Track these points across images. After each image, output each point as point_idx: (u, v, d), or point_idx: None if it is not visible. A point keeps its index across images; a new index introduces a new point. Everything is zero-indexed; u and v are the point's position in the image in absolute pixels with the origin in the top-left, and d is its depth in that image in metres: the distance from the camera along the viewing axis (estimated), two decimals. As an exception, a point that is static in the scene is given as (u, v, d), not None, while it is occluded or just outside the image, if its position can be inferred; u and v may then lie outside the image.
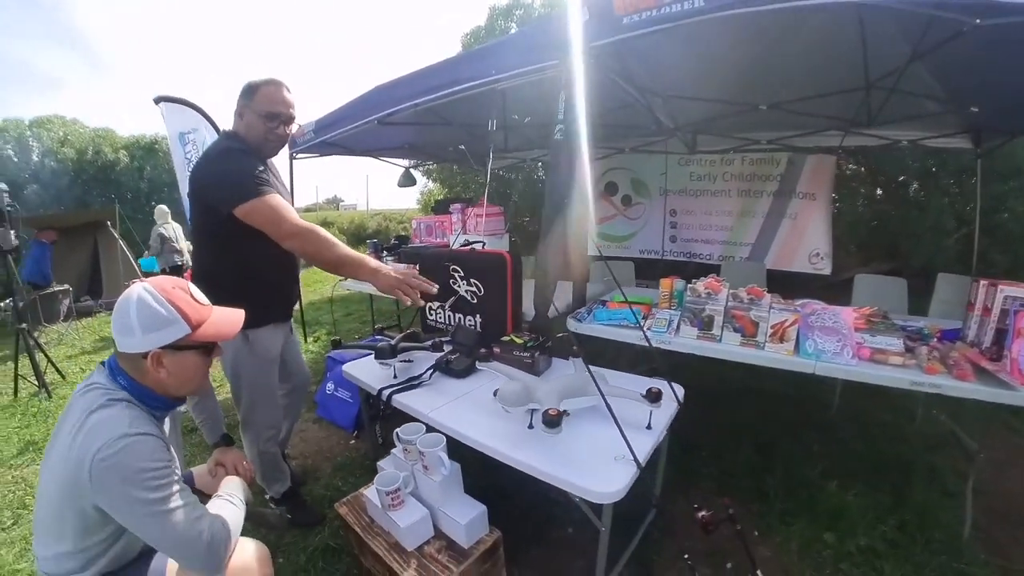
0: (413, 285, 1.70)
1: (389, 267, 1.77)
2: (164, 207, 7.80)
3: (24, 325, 4.48)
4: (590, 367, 1.71)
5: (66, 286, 7.79)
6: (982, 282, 2.11)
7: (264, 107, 1.84)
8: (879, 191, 7.12)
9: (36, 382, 4.45)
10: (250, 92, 1.85)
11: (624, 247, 5.94)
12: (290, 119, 1.91)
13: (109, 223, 8.69)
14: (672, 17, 1.94)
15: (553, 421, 1.34)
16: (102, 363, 1.24)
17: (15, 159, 14.40)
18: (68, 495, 1.09)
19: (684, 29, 1.95)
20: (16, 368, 4.45)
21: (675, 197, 5.58)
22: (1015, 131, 3.88)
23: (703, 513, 1.39)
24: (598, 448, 1.49)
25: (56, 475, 1.11)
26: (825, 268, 4.94)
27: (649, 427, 1.61)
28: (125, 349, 1.18)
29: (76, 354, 5.96)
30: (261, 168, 1.80)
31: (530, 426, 1.59)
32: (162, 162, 14.29)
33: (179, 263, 7.60)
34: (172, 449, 1.26)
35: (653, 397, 1.58)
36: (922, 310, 3.45)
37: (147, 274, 7.90)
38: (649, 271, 5.18)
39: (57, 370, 4.82)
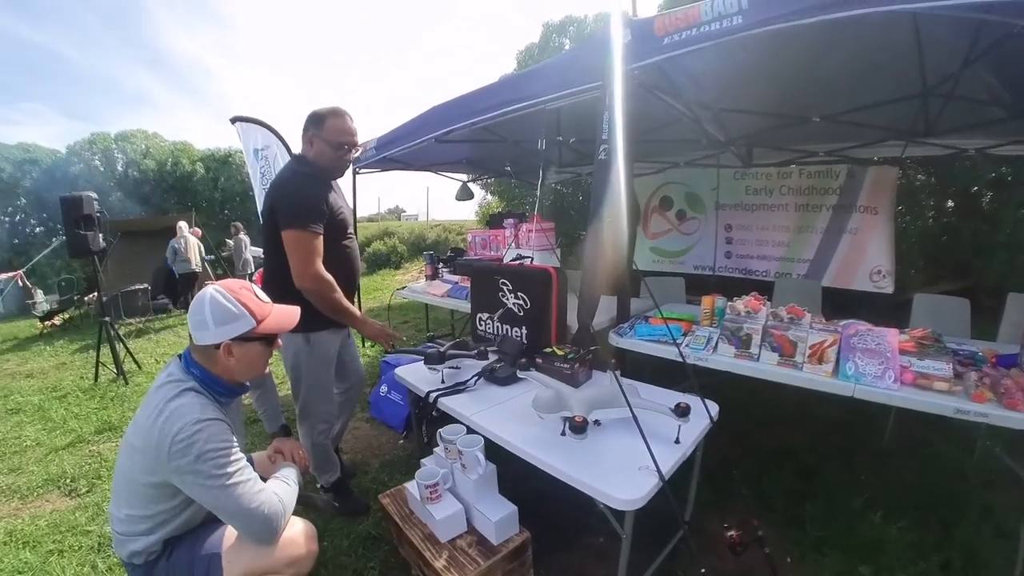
0: (388, 335, 2.26)
1: (374, 321, 2.23)
2: (182, 223, 8.72)
3: (107, 318, 5.05)
4: (624, 379, 1.79)
5: (145, 285, 8.57)
6: None
7: (333, 137, 2.07)
8: (949, 203, 6.72)
9: (115, 370, 4.98)
10: (319, 122, 2.07)
11: (678, 262, 5.88)
12: (355, 145, 2.14)
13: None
14: (711, 36, 1.98)
15: (579, 427, 1.44)
16: (178, 356, 1.46)
17: (102, 169, 16.06)
18: (145, 469, 1.29)
19: (727, 44, 1.97)
20: (98, 356, 5.03)
21: (730, 212, 5.48)
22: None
23: (732, 532, 1.43)
24: (624, 458, 1.58)
25: (136, 451, 1.31)
26: (887, 286, 4.66)
27: (677, 441, 1.68)
28: (200, 341, 1.39)
29: (151, 346, 6.58)
30: (322, 197, 2.03)
31: (563, 433, 1.69)
32: (235, 174, 15.54)
33: (188, 271, 8.54)
34: (236, 432, 1.45)
35: (681, 412, 1.64)
36: (990, 333, 3.23)
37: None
38: (703, 287, 5.03)
39: (134, 360, 5.39)
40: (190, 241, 8.62)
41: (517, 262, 2.62)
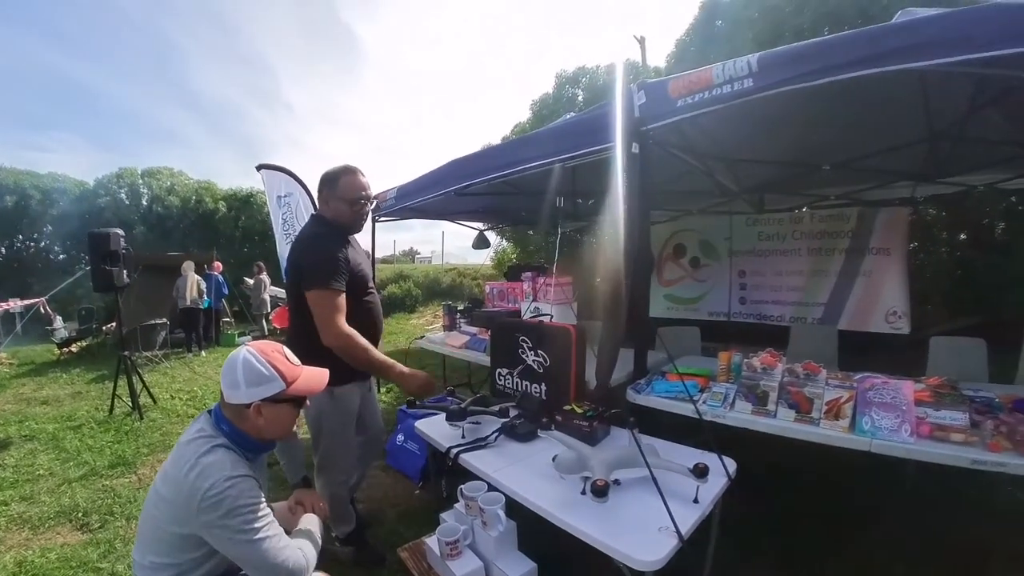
0: (430, 386, 2.20)
1: (415, 372, 2.20)
2: (187, 263, 9.00)
3: (126, 352, 5.18)
4: (642, 438, 1.84)
5: (164, 320, 8.80)
6: None
7: (349, 194, 2.21)
8: (962, 236, 6.68)
9: (130, 403, 5.06)
10: (332, 183, 2.22)
11: (693, 309, 5.93)
12: (369, 199, 2.29)
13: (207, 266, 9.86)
14: (723, 98, 2.07)
15: (600, 491, 1.49)
16: (208, 411, 1.53)
17: (127, 202, 16.62)
18: (174, 519, 1.35)
19: (738, 104, 2.05)
20: (115, 389, 5.14)
21: (743, 258, 5.54)
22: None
23: None
24: (644, 518, 1.61)
25: (165, 501, 1.37)
26: (903, 327, 4.63)
27: (696, 501, 1.70)
28: (232, 400, 1.46)
29: (166, 381, 6.70)
30: (342, 255, 2.13)
31: (583, 492, 1.73)
32: (255, 213, 15.99)
33: (185, 307, 8.71)
34: (262, 485, 1.51)
35: (699, 473, 1.68)
36: (1009, 370, 3.22)
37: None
38: (719, 334, 5.12)
39: (150, 394, 5.50)
40: (189, 278, 8.85)
41: (537, 319, 2.70)
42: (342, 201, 2.20)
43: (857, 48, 1.75)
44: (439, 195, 3.74)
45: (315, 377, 1.61)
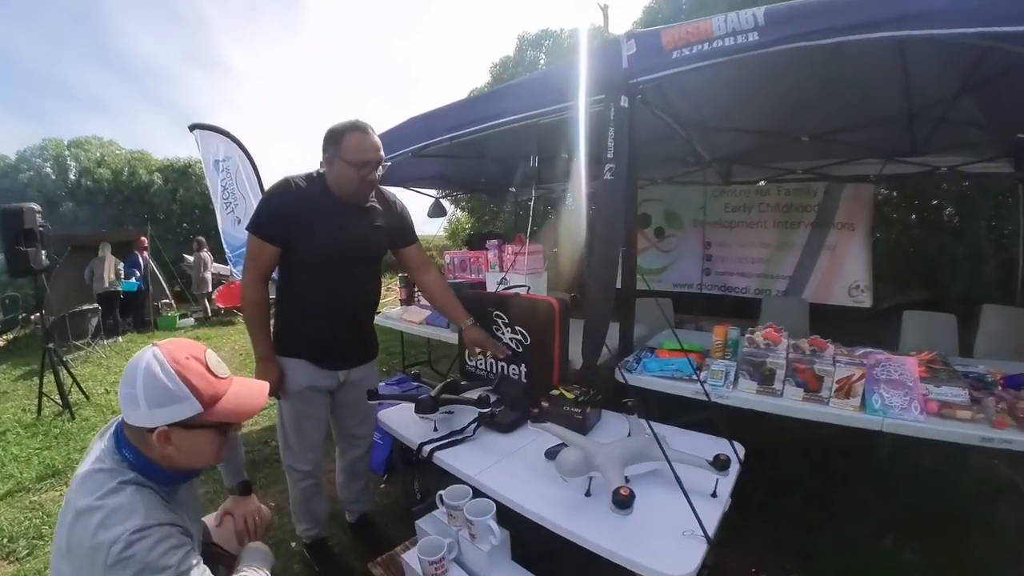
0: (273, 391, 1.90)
1: (274, 366, 1.92)
2: (104, 243, 8.28)
3: (51, 344, 4.54)
4: (643, 421, 1.62)
5: (95, 305, 7.98)
6: None
7: (355, 156, 1.79)
8: (913, 216, 6.93)
9: (60, 401, 4.47)
10: (336, 140, 1.80)
11: (657, 280, 5.81)
12: (379, 163, 1.86)
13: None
14: (724, 51, 1.91)
15: (624, 502, 1.22)
16: (112, 428, 1.15)
17: (53, 177, 15.11)
18: (83, 570, 1.00)
19: (733, 62, 1.91)
20: (41, 386, 4.50)
21: (709, 229, 5.47)
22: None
23: None
24: (662, 520, 1.38)
25: (63, 557, 1.02)
26: (865, 301, 4.77)
27: (715, 495, 1.49)
28: (130, 421, 1.09)
29: (100, 373, 6.02)
30: (284, 208, 1.82)
31: (587, 493, 1.48)
32: (194, 185, 14.81)
33: (102, 290, 8.00)
34: (189, 518, 1.18)
35: (721, 465, 1.46)
36: (966, 343, 3.33)
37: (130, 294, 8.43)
38: (685, 306, 5.07)
39: (81, 390, 4.87)
40: (107, 259, 8.11)
41: (511, 291, 2.41)
42: (346, 164, 1.79)
43: (875, 8, 1.64)
44: (397, 156, 3.37)
45: (247, 394, 1.21)
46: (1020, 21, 1.44)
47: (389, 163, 1.96)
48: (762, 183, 5.07)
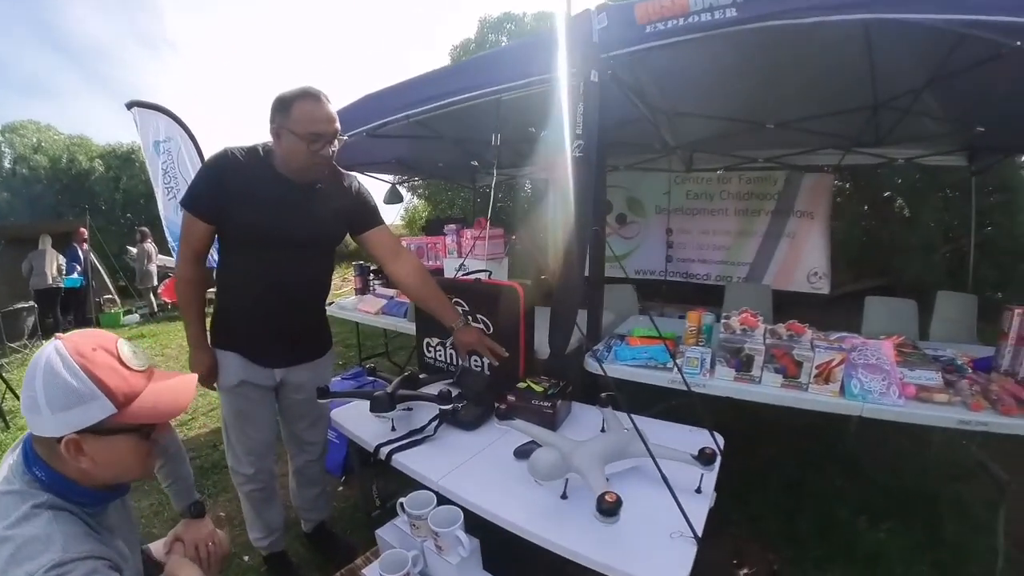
0: (208, 383, 1.77)
1: (206, 357, 1.75)
2: (45, 235, 7.66)
3: None
4: (621, 416, 1.52)
5: (31, 303, 7.37)
6: (1017, 311, 1.98)
7: (305, 127, 1.54)
8: (866, 207, 7.13)
9: None
10: (284, 108, 1.56)
11: (618, 267, 5.75)
12: (334, 136, 1.62)
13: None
14: (701, 27, 1.83)
15: (610, 509, 1.07)
16: (22, 446, 0.95)
17: None
18: None
19: (704, 41, 1.85)
20: None
21: (671, 216, 5.45)
22: (1012, 149, 3.88)
23: (745, 571, 1.18)
24: (646, 521, 1.26)
25: None
26: (824, 287, 4.87)
27: (699, 491, 1.39)
28: (35, 431, 0.90)
29: None
30: (218, 181, 1.61)
31: (563, 496, 1.35)
32: (138, 173, 13.83)
33: (43, 286, 7.41)
34: (123, 544, 1.00)
35: (706, 460, 1.35)
36: (922, 328, 3.42)
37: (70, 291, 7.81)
38: (648, 292, 5.03)
39: (17, 397, 4.37)
40: (48, 253, 7.49)
41: (472, 277, 2.25)
42: (295, 137, 1.54)
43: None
44: (351, 135, 3.15)
45: (170, 390, 1.01)
46: (993, 10, 1.46)
47: (347, 138, 1.74)
48: (720, 171, 5.07)
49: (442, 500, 1.44)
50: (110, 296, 8.99)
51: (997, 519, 2.03)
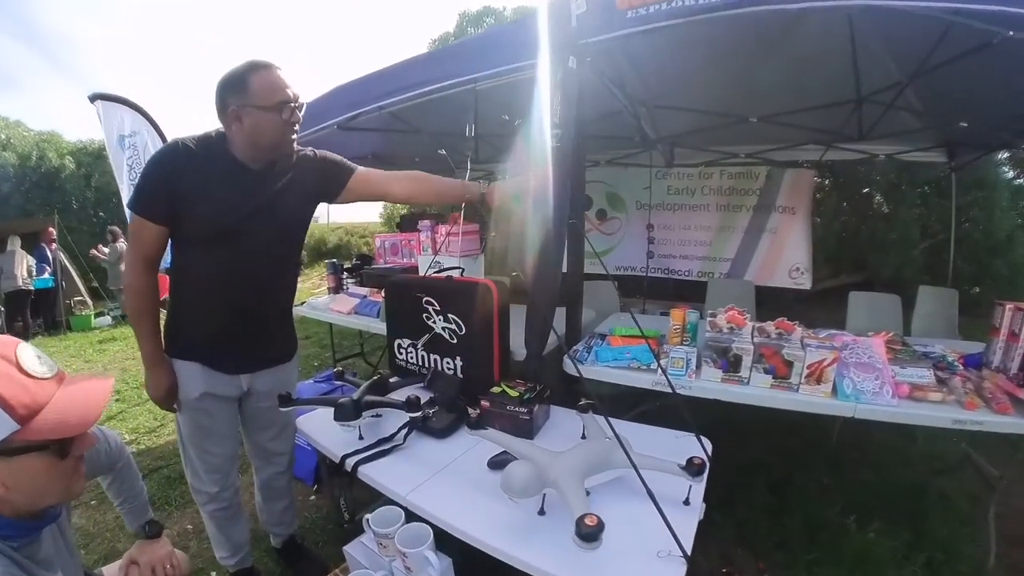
0: (167, 404, 1.64)
1: (165, 375, 1.59)
2: (13, 236, 7.41)
3: None
4: (601, 420, 1.41)
5: None
6: (1008, 306, 1.89)
7: (270, 97, 1.44)
8: (845, 203, 7.17)
9: None
10: (240, 86, 1.43)
11: (598, 264, 5.68)
12: (298, 99, 1.50)
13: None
14: (686, 11, 1.73)
15: (591, 534, 0.96)
16: None
17: None
18: None
19: (685, 30, 1.76)
20: None
21: (652, 212, 5.35)
22: (992, 146, 3.88)
23: None
24: (630, 538, 1.15)
25: None
26: (805, 283, 4.85)
27: (687, 502, 1.29)
28: None
29: None
30: (166, 177, 1.46)
31: (541, 511, 1.23)
32: (111, 169, 13.34)
33: (13, 289, 7.15)
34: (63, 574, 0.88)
35: (695, 470, 1.25)
36: (904, 324, 3.41)
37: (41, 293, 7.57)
38: (628, 289, 5.02)
39: None
40: (17, 254, 7.20)
41: (443, 275, 2.13)
42: (262, 111, 1.43)
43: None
44: (321, 129, 3.01)
45: (82, 396, 0.88)
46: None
47: (305, 103, 1.61)
48: (702, 167, 5.03)
49: (412, 516, 1.33)
50: (81, 298, 8.64)
51: (986, 516, 2.02)
